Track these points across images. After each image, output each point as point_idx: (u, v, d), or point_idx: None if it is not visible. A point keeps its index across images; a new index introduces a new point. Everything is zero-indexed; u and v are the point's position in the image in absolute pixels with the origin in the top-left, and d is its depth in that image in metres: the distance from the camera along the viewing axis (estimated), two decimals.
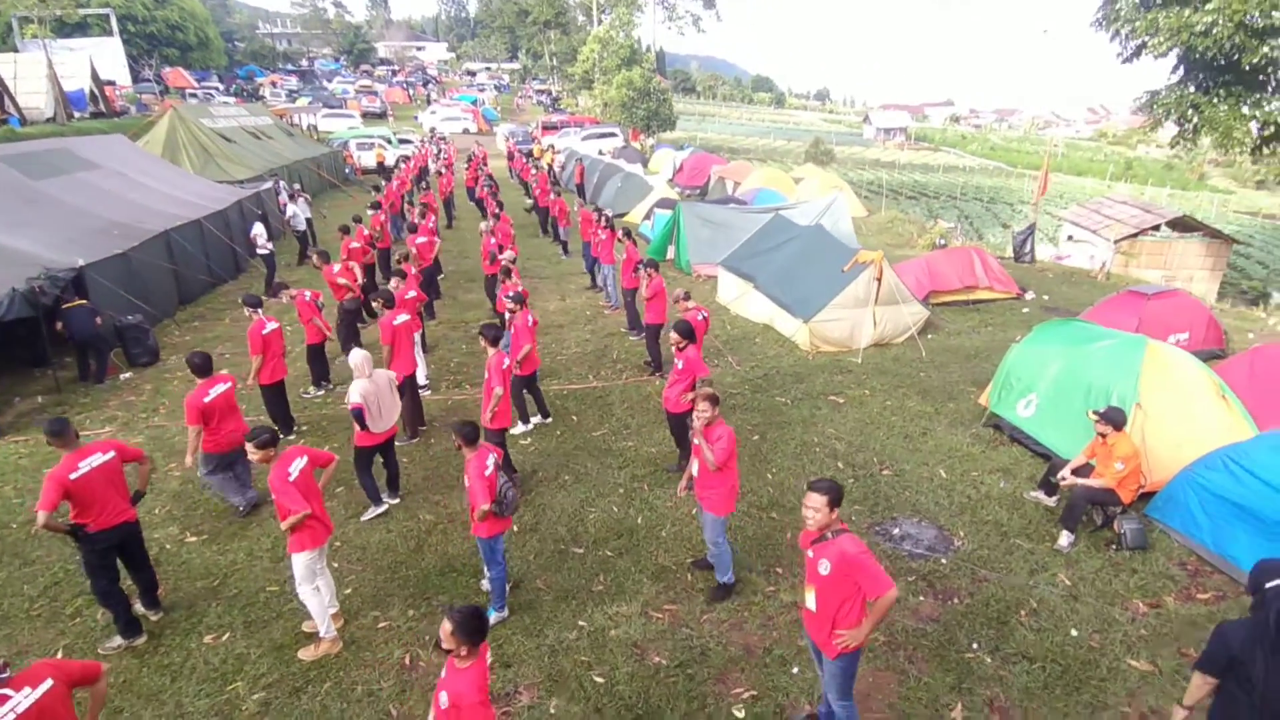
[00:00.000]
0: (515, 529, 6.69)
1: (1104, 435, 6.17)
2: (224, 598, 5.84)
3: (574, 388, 9.93)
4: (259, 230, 13.96)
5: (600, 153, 34.59)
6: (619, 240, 12.11)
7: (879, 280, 10.92)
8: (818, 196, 21.24)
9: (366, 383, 6.59)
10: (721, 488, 5.51)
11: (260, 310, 8.14)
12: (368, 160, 35.14)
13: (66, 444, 4.93)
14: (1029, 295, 14.06)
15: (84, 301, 9.95)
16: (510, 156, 33.35)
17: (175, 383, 10.20)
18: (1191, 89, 10.51)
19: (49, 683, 3.18)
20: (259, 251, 14.13)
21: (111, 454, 5.12)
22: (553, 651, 5.24)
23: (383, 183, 21.54)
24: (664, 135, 44.78)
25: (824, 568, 3.92)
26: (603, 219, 13.09)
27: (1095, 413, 6.20)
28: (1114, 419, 6.10)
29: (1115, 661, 5.11)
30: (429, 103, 69.94)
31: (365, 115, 51.43)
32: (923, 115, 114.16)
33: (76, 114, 31.30)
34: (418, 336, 9.30)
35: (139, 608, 5.56)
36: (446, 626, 3.27)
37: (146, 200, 14.66)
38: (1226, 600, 5.72)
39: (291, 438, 8.44)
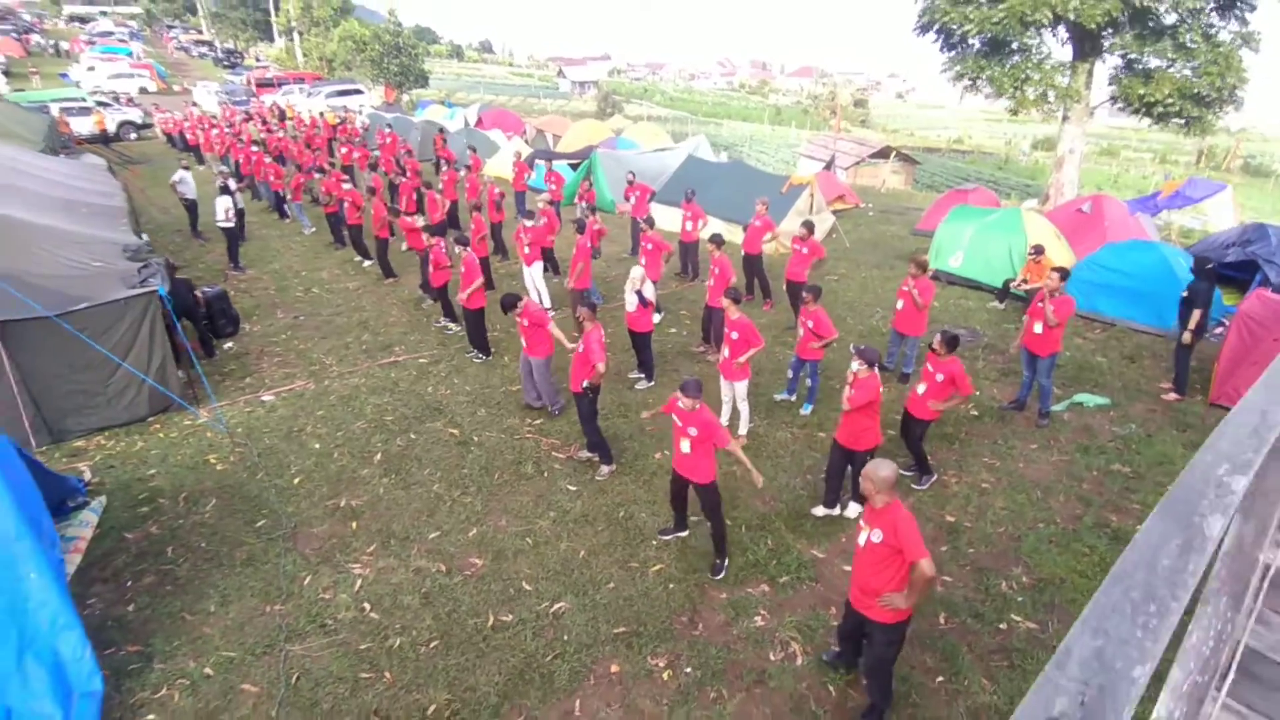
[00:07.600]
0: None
1: (1039, 261, 11.07)
2: (630, 436, 7.98)
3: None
4: (228, 204, 13.23)
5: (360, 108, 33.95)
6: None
7: (812, 195, 15.19)
8: (648, 143, 25.06)
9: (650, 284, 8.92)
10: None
11: (468, 247, 9.52)
12: (84, 127, 30.01)
13: (593, 319, 6.89)
14: (863, 205, 19.65)
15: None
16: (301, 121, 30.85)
17: (298, 341, 10.55)
18: (971, 57, 16.50)
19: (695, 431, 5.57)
20: (220, 224, 13.41)
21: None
22: None
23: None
24: (420, 92, 44.00)
25: (1049, 313, 7.90)
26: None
27: (1033, 249, 11.04)
28: (1042, 249, 11.03)
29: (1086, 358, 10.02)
30: (65, 56, 57.32)
31: None
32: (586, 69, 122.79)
33: None
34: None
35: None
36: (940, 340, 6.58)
37: (52, 177, 12.91)
38: (1107, 332, 11.03)
39: (489, 358, 10.00)
